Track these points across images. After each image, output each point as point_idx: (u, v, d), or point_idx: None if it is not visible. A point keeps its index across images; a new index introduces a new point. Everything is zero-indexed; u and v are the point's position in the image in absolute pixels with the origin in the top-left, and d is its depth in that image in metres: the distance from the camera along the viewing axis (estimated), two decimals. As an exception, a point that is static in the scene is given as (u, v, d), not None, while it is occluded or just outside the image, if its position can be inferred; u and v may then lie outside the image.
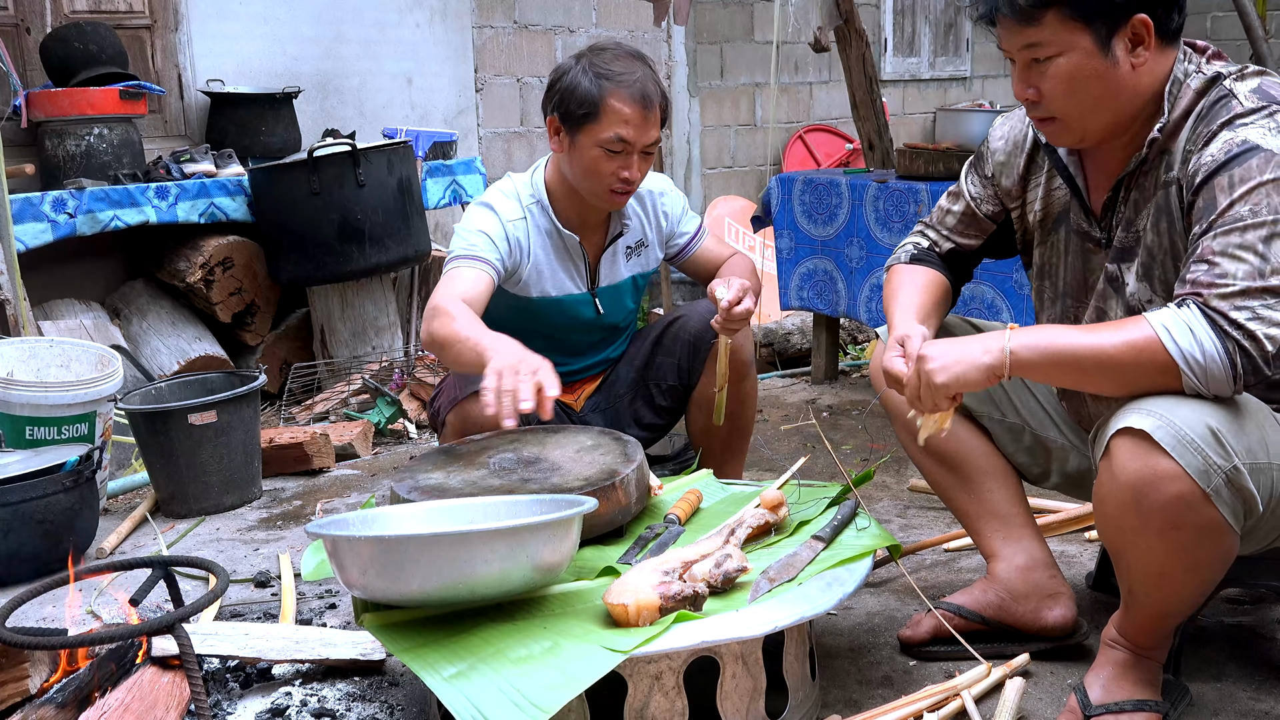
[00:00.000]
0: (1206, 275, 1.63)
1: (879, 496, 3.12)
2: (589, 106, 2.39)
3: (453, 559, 1.68)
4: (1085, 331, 1.73)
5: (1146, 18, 1.74)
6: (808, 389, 4.36)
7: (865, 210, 3.93)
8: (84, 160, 4.13)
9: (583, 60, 2.43)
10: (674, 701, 1.73)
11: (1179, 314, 1.64)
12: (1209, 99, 1.77)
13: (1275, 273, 1.61)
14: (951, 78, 8.00)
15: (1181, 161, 1.77)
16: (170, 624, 1.85)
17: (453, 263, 2.44)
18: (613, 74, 2.39)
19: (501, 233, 2.48)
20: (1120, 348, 1.67)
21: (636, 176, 2.45)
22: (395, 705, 2.04)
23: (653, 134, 2.44)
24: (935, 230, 2.20)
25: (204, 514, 3.25)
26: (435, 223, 5.22)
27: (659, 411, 2.70)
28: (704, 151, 6.72)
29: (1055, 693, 2.01)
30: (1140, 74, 1.77)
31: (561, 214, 2.57)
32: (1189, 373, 1.62)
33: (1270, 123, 1.69)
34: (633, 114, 2.39)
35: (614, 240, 2.64)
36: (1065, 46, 1.74)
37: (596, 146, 2.40)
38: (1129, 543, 1.72)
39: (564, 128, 2.44)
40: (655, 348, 2.67)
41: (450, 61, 5.52)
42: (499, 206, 2.52)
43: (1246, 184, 1.65)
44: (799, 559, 1.95)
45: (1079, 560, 2.61)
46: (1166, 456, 1.61)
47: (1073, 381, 1.80)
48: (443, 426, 2.51)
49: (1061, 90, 1.78)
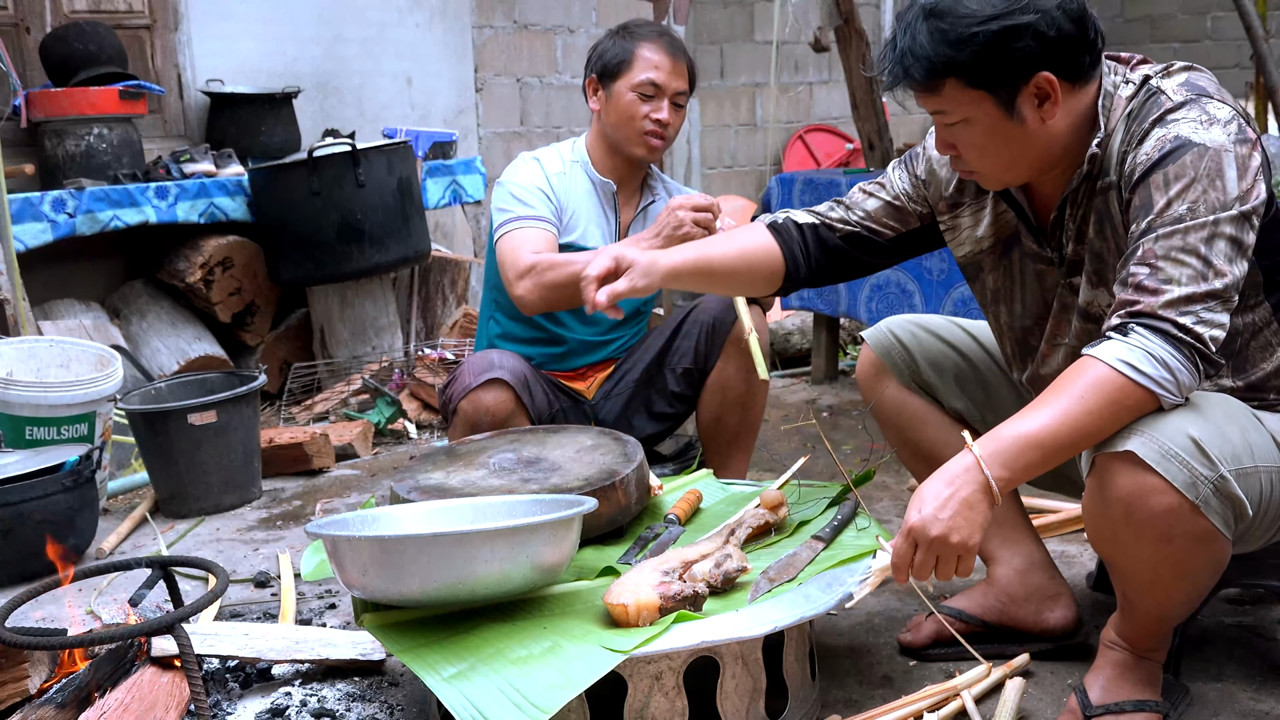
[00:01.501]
0: (1150, 280, 1.61)
1: (879, 496, 3.12)
2: (623, 56, 2.64)
3: (453, 559, 1.69)
4: (1046, 408, 1.62)
5: (1049, 75, 1.70)
6: (808, 389, 4.36)
7: (865, 210, 3.92)
8: (84, 160, 4.13)
9: (617, 31, 2.71)
10: (674, 701, 1.73)
11: (1129, 343, 1.60)
12: (1138, 99, 1.76)
13: (1217, 275, 1.60)
14: (951, 78, 7.99)
15: (1117, 163, 1.76)
16: (170, 624, 1.86)
17: (515, 223, 2.60)
18: (641, 32, 2.68)
19: (548, 184, 2.68)
20: (1092, 406, 1.59)
21: (668, 119, 2.63)
22: (395, 705, 2.04)
23: (681, 83, 2.65)
24: (848, 210, 2.10)
25: (204, 514, 3.25)
26: (435, 223, 5.22)
27: (671, 400, 2.71)
28: (704, 151, 6.72)
29: (1055, 693, 2.01)
30: (1053, 124, 1.75)
31: (601, 173, 2.75)
32: (1166, 395, 1.60)
33: (1201, 114, 1.68)
34: (662, 60, 2.63)
35: (645, 209, 2.78)
36: (969, 113, 1.74)
37: (631, 91, 2.62)
38: (1121, 555, 1.72)
39: (601, 84, 2.68)
40: (674, 335, 2.70)
41: (450, 61, 5.52)
42: (543, 158, 2.73)
43: (1181, 180, 1.63)
44: (799, 559, 1.95)
45: (1079, 560, 2.61)
46: (1152, 473, 1.60)
47: (1061, 459, 1.65)
48: (454, 414, 2.52)
49: (974, 152, 1.78)
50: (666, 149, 2.73)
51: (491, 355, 2.53)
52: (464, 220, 5.40)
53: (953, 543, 1.62)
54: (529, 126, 5.87)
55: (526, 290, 2.49)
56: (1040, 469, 1.64)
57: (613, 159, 2.72)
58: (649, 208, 2.79)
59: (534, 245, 2.54)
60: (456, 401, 2.50)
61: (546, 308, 2.54)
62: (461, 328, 4.62)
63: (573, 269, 2.42)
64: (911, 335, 2.18)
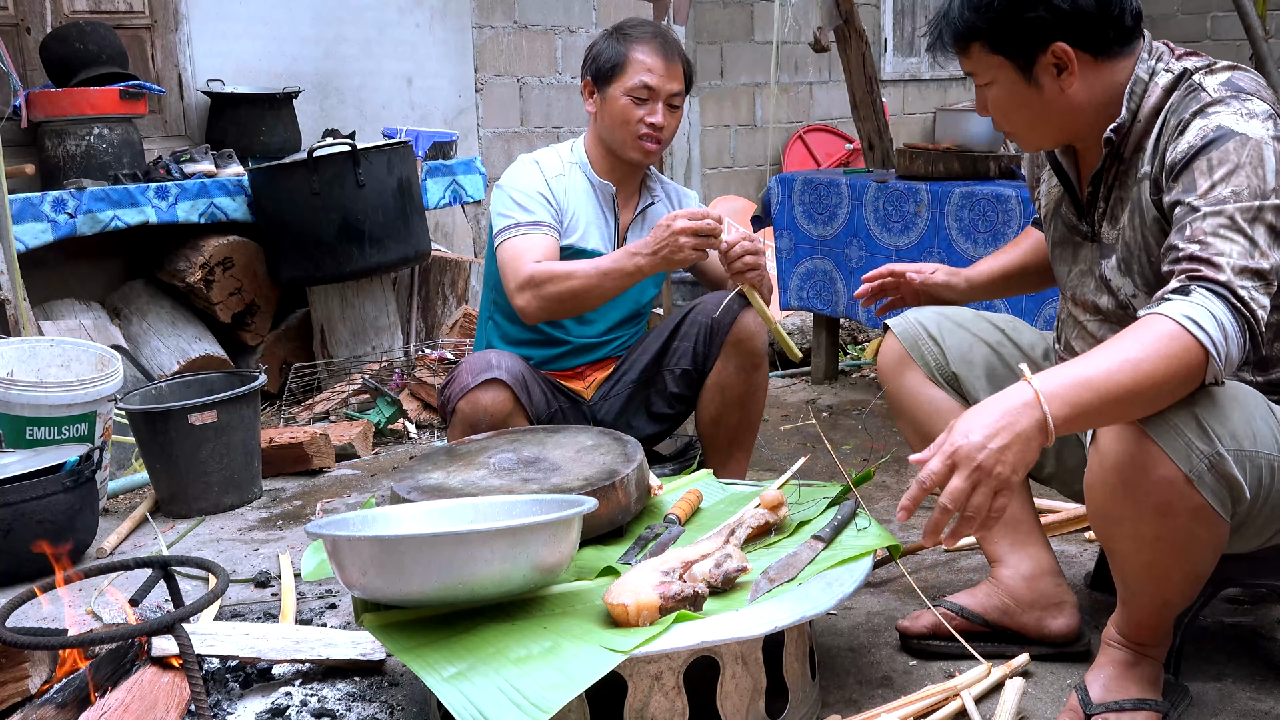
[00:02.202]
0: (1204, 252, 1.61)
1: (879, 496, 3.12)
2: (616, 59, 2.63)
3: (453, 559, 1.69)
4: (1105, 353, 1.56)
5: (1064, 46, 1.78)
6: (808, 389, 4.36)
7: (865, 210, 3.93)
8: (84, 160, 4.13)
9: (611, 32, 2.69)
10: (674, 701, 1.73)
11: (1192, 301, 1.57)
12: (1179, 93, 1.79)
13: (1263, 255, 1.61)
14: (951, 78, 8.00)
15: (1153, 156, 1.79)
16: (170, 624, 1.86)
17: (516, 229, 2.60)
18: (635, 34, 2.66)
19: (547, 188, 2.67)
20: (1152, 355, 1.53)
21: (662, 123, 2.63)
22: (395, 705, 2.04)
23: (675, 85, 2.64)
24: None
25: (204, 514, 3.25)
26: (435, 223, 5.22)
27: (670, 400, 2.71)
28: (704, 151, 6.72)
29: (1055, 693, 2.01)
30: (1073, 94, 1.82)
31: (600, 175, 2.74)
32: (1215, 360, 1.55)
33: (1242, 108, 1.70)
34: (655, 63, 2.61)
35: (644, 210, 2.78)
36: (993, 76, 1.86)
37: (625, 95, 2.61)
38: (1119, 532, 1.73)
39: (596, 87, 2.67)
40: (672, 335, 2.70)
41: (450, 61, 5.52)
42: (542, 160, 2.72)
43: (1225, 165, 1.66)
44: (799, 559, 1.95)
45: (1079, 560, 2.61)
46: (1150, 441, 1.61)
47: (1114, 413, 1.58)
48: (452, 415, 2.53)
49: (1000, 113, 1.90)
50: (663, 151, 2.73)
51: (489, 355, 2.53)
52: (464, 220, 5.40)
53: (998, 475, 1.50)
54: (529, 126, 5.87)
55: (527, 302, 2.51)
56: (1095, 418, 1.56)
57: (610, 161, 2.72)
58: (648, 209, 2.79)
59: (535, 253, 2.54)
60: (455, 402, 2.51)
61: (548, 318, 2.55)
62: (461, 328, 4.62)
63: (571, 283, 2.47)
64: (939, 327, 2.19)
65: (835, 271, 4.05)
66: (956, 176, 3.76)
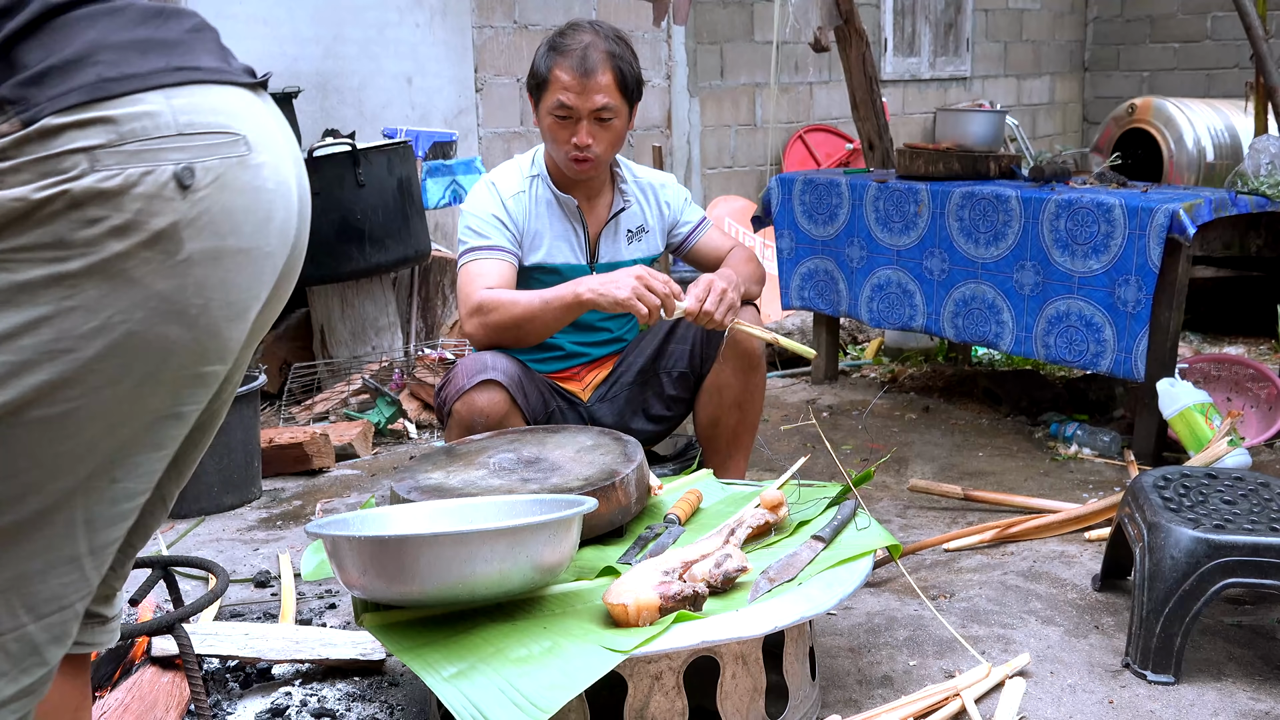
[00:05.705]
0: None
1: (879, 496, 3.12)
2: (540, 78, 2.55)
3: (453, 559, 1.68)
4: None
5: None
6: (808, 389, 4.36)
7: (865, 210, 3.93)
8: (84, 160, 4.12)
9: (547, 42, 2.58)
10: (674, 701, 1.73)
11: None
12: None
13: None
14: (951, 78, 8.00)
15: None
16: (170, 624, 1.86)
17: (471, 254, 2.59)
18: (562, 46, 2.53)
19: (503, 210, 2.62)
20: None
21: (587, 142, 2.53)
22: (395, 705, 2.04)
23: (597, 100, 2.51)
24: None
25: (204, 514, 3.25)
26: (435, 223, 5.22)
27: (668, 403, 2.71)
28: (704, 151, 6.72)
29: (1055, 693, 2.01)
30: None
31: (560, 186, 2.68)
32: None
33: None
34: (571, 81, 2.50)
35: (615, 216, 2.73)
36: None
37: (549, 115, 2.54)
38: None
39: (533, 101, 2.61)
40: (669, 337, 2.69)
41: (450, 61, 5.52)
42: (499, 182, 2.66)
43: None
44: (799, 559, 1.95)
45: (1079, 560, 2.61)
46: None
47: None
48: (449, 417, 2.52)
49: None
50: (601, 168, 2.63)
51: (485, 357, 2.52)
52: (464, 220, 5.40)
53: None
54: (529, 126, 5.87)
55: (474, 328, 2.52)
56: None
57: (563, 174, 2.65)
58: (620, 215, 2.72)
59: (488, 279, 2.53)
60: (451, 403, 2.50)
61: (495, 345, 2.54)
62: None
63: (515, 311, 2.46)
64: None
65: (836, 271, 4.05)
66: (957, 176, 3.76)
